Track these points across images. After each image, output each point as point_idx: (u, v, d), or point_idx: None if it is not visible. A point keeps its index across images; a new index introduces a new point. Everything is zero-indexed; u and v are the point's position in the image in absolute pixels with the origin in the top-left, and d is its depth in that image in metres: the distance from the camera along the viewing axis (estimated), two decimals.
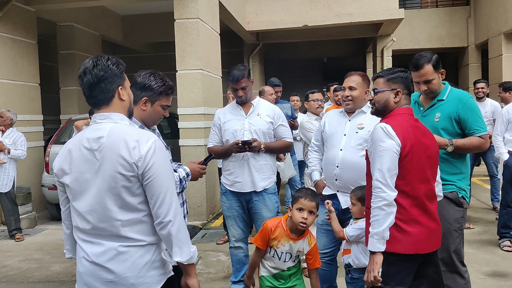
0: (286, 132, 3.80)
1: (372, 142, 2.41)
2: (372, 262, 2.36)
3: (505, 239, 5.02)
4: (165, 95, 2.48)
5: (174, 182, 1.99)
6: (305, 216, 2.75)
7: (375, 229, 2.33)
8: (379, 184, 2.33)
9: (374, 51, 11.65)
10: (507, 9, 10.88)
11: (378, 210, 2.32)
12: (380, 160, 2.34)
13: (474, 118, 3.02)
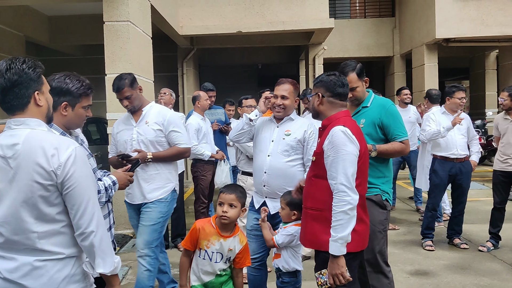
0: (179, 138, 3.58)
1: (332, 145, 2.45)
2: (337, 266, 2.41)
3: (427, 239, 5.30)
4: (85, 96, 2.36)
5: (96, 191, 1.93)
6: (225, 209, 2.73)
7: (339, 234, 2.36)
8: (344, 188, 2.37)
9: (307, 59, 11.93)
10: (428, 21, 11.56)
11: (343, 215, 2.36)
12: (344, 164, 2.40)
13: (396, 124, 3.17)
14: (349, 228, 2.38)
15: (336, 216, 2.38)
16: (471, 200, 7.67)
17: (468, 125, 5.28)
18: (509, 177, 5.08)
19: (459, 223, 5.36)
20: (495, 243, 5.19)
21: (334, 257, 2.41)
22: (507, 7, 11.09)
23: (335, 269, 2.42)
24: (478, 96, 15.08)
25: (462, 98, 5.14)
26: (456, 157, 5.14)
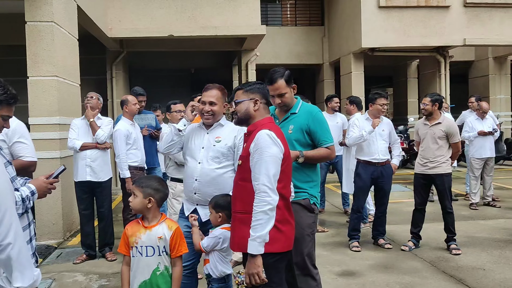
0: (23, 150, 3.29)
1: (257, 147, 2.51)
2: (254, 266, 2.44)
3: (354, 240, 5.50)
4: (6, 105, 2.23)
5: (13, 201, 1.82)
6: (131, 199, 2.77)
7: (258, 233, 2.42)
8: (265, 189, 2.44)
9: (239, 65, 12.01)
10: (355, 31, 12.06)
11: (263, 215, 2.42)
12: (267, 166, 2.47)
13: (322, 130, 3.27)
14: (267, 228, 2.43)
15: (256, 216, 2.44)
16: (394, 201, 8.09)
17: (390, 130, 5.56)
18: (428, 179, 5.39)
19: (383, 224, 5.61)
20: (416, 242, 5.48)
21: (252, 257, 2.46)
22: (426, 20, 11.82)
23: (252, 269, 2.46)
24: (401, 103, 15.92)
25: (383, 104, 5.41)
26: (377, 161, 5.39)
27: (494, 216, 7.02)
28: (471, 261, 4.94)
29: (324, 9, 14.51)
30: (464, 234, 5.96)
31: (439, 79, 12.95)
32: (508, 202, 7.84)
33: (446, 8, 11.85)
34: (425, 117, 5.47)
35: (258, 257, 2.45)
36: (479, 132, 7.67)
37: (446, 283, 4.34)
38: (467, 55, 15.13)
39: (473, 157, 7.77)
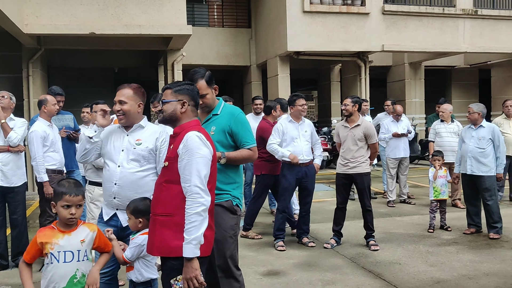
0: None
1: (187, 149, 2.48)
2: (191, 269, 2.40)
3: (279, 240, 5.58)
4: None
5: None
6: (73, 211, 2.57)
7: (193, 235, 2.38)
8: (198, 190, 2.42)
9: (165, 65, 11.79)
10: (281, 34, 12.28)
11: (197, 216, 2.39)
12: (198, 167, 2.45)
13: (244, 132, 3.28)
14: (202, 229, 2.42)
15: (189, 218, 2.41)
16: (318, 200, 8.32)
17: (312, 131, 5.70)
18: (349, 179, 5.60)
19: (306, 223, 5.75)
20: (337, 240, 5.67)
21: (188, 261, 2.42)
22: (348, 26, 12.31)
23: (189, 273, 2.42)
24: (325, 106, 16.45)
25: (303, 105, 5.54)
26: (302, 162, 5.51)
27: (409, 213, 7.44)
28: (388, 256, 5.19)
29: (251, 11, 14.64)
30: (382, 230, 6.25)
31: (359, 83, 13.50)
32: (422, 199, 8.33)
33: (366, 15, 12.40)
34: (345, 120, 5.68)
35: (195, 260, 2.42)
36: (394, 134, 8.11)
37: (365, 278, 4.52)
38: (385, 60, 15.93)
39: (389, 157, 8.20)
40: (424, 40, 12.96)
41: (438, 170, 6.30)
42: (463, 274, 4.55)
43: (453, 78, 17.95)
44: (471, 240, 5.80)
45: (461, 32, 13.28)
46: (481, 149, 5.94)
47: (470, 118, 6.07)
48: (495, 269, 4.68)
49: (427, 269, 4.71)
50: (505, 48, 13.74)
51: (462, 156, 6.15)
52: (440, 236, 5.97)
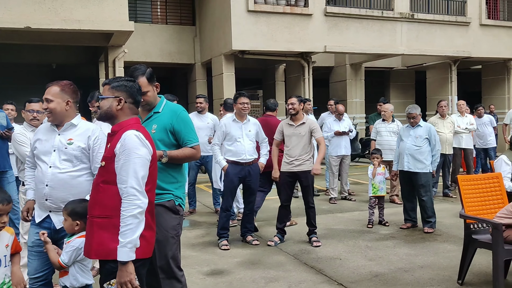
0: None
1: (124, 148, 2.39)
2: (126, 273, 2.33)
3: (223, 239, 5.57)
4: None
5: None
6: (5, 220, 2.53)
7: (128, 238, 2.31)
8: (134, 192, 2.34)
9: (106, 61, 11.45)
10: (226, 33, 12.26)
11: (132, 219, 2.32)
12: (135, 168, 2.37)
13: (187, 130, 3.23)
14: (138, 232, 2.36)
15: (125, 220, 2.33)
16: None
17: (257, 130, 5.72)
18: (294, 177, 5.66)
19: (251, 221, 5.78)
20: (281, 237, 5.73)
21: (122, 264, 2.35)
22: (291, 26, 12.48)
23: (124, 277, 2.35)
24: None
25: (243, 103, 5.55)
26: (245, 161, 5.52)
27: (350, 209, 7.66)
28: (330, 251, 5.31)
29: (195, 9, 14.51)
30: (324, 227, 6.39)
31: (303, 83, 13.74)
32: (362, 195, 8.59)
33: (309, 16, 12.64)
34: (289, 118, 5.74)
35: (130, 264, 2.35)
36: (336, 132, 8.32)
37: (307, 274, 4.60)
38: (328, 61, 16.31)
39: (331, 155, 8.40)
40: (364, 42, 13.38)
41: (377, 167, 6.52)
42: (399, 267, 4.74)
43: (391, 79, 18.67)
44: (407, 234, 6.05)
45: (399, 35, 13.83)
46: (418, 147, 6.21)
47: (415, 121, 6.32)
48: (429, 261, 4.91)
49: (366, 264, 4.87)
50: (439, 51, 14.46)
51: (400, 153, 6.40)
52: (379, 231, 6.19)
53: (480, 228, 4.27)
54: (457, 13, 14.80)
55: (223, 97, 12.19)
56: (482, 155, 9.96)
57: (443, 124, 8.19)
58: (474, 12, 14.83)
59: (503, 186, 4.53)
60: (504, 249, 3.81)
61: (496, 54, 15.48)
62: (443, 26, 14.41)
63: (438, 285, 4.23)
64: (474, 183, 4.42)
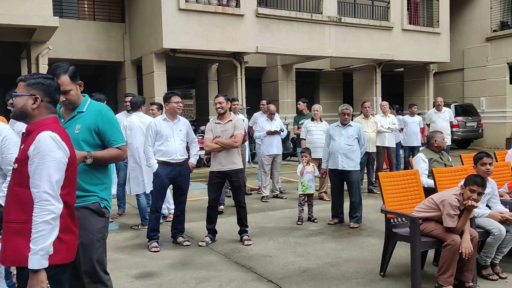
0: None
1: (38, 151, 2.28)
2: (37, 282, 2.22)
3: (153, 241, 5.48)
4: None
5: None
6: None
7: (40, 245, 2.20)
8: (47, 197, 2.24)
9: (29, 58, 10.87)
10: (156, 31, 12.06)
11: (45, 225, 2.21)
12: (49, 171, 2.27)
13: (112, 130, 3.15)
14: (51, 239, 2.26)
15: (37, 227, 2.23)
16: (195, 199, 8.36)
17: (188, 130, 5.68)
18: (223, 177, 5.68)
19: (182, 222, 5.73)
20: (212, 237, 5.74)
21: (34, 272, 2.24)
22: (224, 26, 12.52)
23: (35, 285, 2.24)
24: (203, 104, 16.54)
25: (178, 102, 5.50)
26: (175, 162, 5.48)
27: (281, 207, 7.82)
28: (260, 249, 5.40)
29: (125, 5, 14.14)
30: (255, 225, 6.48)
31: (236, 83, 13.82)
32: (293, 193, 8.79)
33: (241, 16, 12.74)
34: (217, 117, 5.75)
35: (42, 272, 2.24)
36: (268, 132, 8.46)
37: (238, 272, 4.65)
38: (260, 61, 16.54)
39: (263, 154, 8.53)
40: (294, 43, 13.70)
41: (306, 166, 6.71)
42: (326, 262, 4.91)
43: (321, 80, 19.27)
44: (334, 230, 6.28)
45: (327, 38, 14.30)
46: (350, 146, 6.47)
47: (348, 118, 6.56)
48: (354, 255, 5.13)
49: (295, 260, 5.00)
50: (364, 54, 15.13)
51: (331, 152, 6.60)
52: (308, 228, 6.37)
53: (399, 222, 4.53)
54: (381, 18, 15.56)
55: (154, 96, 12.01)
56: (407, 153, 10.53)
57: (366, 124, 8.58)
58: (396, 17, 15.66)
59: (420, 182, 4.84)
60: (421, 241, 4.07)
61: (416, 57, 16.46)
62: (369, 30, 15.09)
63: (362, 278, 4.43)
64: (393, 179, 4.68)
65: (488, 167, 4.44)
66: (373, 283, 4.29)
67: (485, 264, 4.33)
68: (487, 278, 4.29)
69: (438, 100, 10.88)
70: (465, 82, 19.41)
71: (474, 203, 3.89)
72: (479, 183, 3.92)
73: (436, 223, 4.11)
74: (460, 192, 4.01)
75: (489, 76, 18.47)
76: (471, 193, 3.91)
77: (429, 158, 5.44)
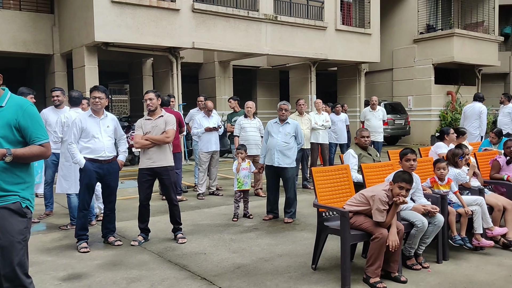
0: None
1: None
2: None
3: (82, 241, 5.27)
4: None
5: None
6: None
7: None
8: None
9: None
10: (87, 23, 11.58)
11: None
12: None
13: (34, 126, 2.99)
14: None
15: None
16: (128, 197, 8.17)
17: (115, 126, 5.51)
18: (153, 174, 5.56)
19: (112, 221, 5.55)
20: (145, 236, 5.61)
21: None
22: (159, 20, 12.26)
23: None
24: (137, 100, 16.12)
25: (96, 97, 5.25)
26: (104, 159, 5.29)
27: (217, 204, 7.79)
28: (195, 247, 5.35)
29: None
30: (190, 223, 6.42)
31: (172, 78, 13.60)
32: (229, 190, 8.80)
33: (177, 11, 12.54)
34: (148, 113, 5.62)
35: None
36: (206, 128, 8.40)
37: (171, 271, 4.58)
38: (196, 57, 16.38)
39: (201, 150, 8.46)
40: (231, 40, 13.69)
41: (241, 162, 6.73)
42: (260, 257, 4.96)
43: (258, 77, 19.43)
44: (269, 225, 6.35)
45: (264, 36, 14.42)
46: (287, 143, 6.55)
47: (286, 114, 6.61)
48: (287, 250, 5.22)
49: (229, 256, 5.00)
50: (300, 53, 15.41)
51: (268, 149, 6.65)
52: (243, 224, 6.40)
53: (331, 215, 4.66)
54: (316, 17, 15.92)
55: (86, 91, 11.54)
56: (333, 150, 10.85)
57: (301, 121, 8.73)
58: (330, 17, 16.08)
59: (350, 177, 5.00)
60: (351, 234, 4.21)
61: (349, 57, 17.01)
62: (304, 29, 15.38)
63: (294, 272, 4.52)
64: (326, 174, 4.80)
65: (412, 163, 4.67)
66: (305, 276, 4.38)
67: (409, 254, 4.55)
68: (411, 268, 4.52)
69: (373, 99, 11.30)
70: (394, 81, 20.34)
71: (403, 199, 4.08)
72: (407, 180, 4.12)
73: (365, 217, 4.27)
74: (389, 188, 4.19)
75: (416, 76, 19.47)
76: (399, 190, 4.09)
77: (358, 154, 5.64)
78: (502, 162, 5.87)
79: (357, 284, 4.16)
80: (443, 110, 19.10)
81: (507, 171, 5.81)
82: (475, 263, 4.48)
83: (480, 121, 10.83)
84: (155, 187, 6.03)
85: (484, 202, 5.08)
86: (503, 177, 5.75)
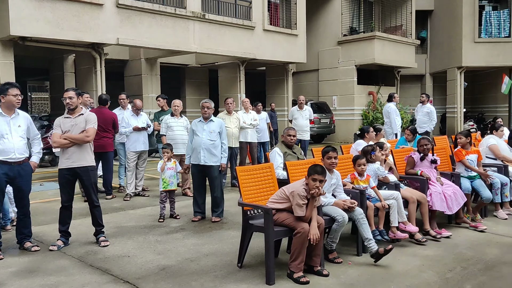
0: None
1: None
2: None
3: None
4: None
5: None
6: None
7: None
8: None
9: None
10: (2, 16, 10.82)
11: None
12: None
13: None
14: None
15: None
16: (47, 200, 7.78)
17: (28, 125, 5.18)
18: (73, 174, 5.31)
19: (27, 226, 5.24)
20: (65, 240, 5.36)
21: None
22: (81, 15, 11.74)
23: None
24: (58, 97, 15.32)
25: (16, 95, 4.97)
26: (14, 161, 4.97)
27: (143, 205, 7.61)
28: (118, 250, 5.18)
29: None
30: (114, 225, 6.22)
31: (95, 75, 13.08)
32: (156, 191, 8.62)
33: (100, 6, 12.08)
34: (67, 111, 5.36)
35: None
36: (134, 128, 8.18)
37: (92, 276, 4.40)
38: (122, 54, 15.89)
39: (129, 150, 8.23)
40: (158, 37, 13.43)
41: (167, 162, 6.62)
42: (186, 257, 4.91)
43: (186, 76, 19.23)
44: (196, 225, 6.30)
45: (191, 33, 14.29)
46: (212, 141, 6.50)
47: (208, 111, 6.55)
48: (214, 249, 5.21)
49: (154, 258, 4.90)
50: (228, 52, 15.44)
51: (194, 148, 6.58)
52: (169, 225, 6.30)
53: (256, 213, 4.70)
54: (244, 17, 16.02)
55: None
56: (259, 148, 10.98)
57: (229, 120, 8.76)
58: (258, 17, 16.26)
59: (274, 174, 5.08)
60: (274, 231, 4.28)
61: (276, 57, 17.30)
62: (232, 28, 15.43)
63: (220, 270, 4.51)
64: (250, 173, 4.85)
65: (333, 160, 4.85)
66: (231, 275, 4.40)
67: (331, 249, 4.72)
68: (333, 261, 4.68)
69: (300, 99, 11.56)
70: (319, 81, 20.98)
71: (319, 191, 4.20)
72: (318, 172, 4.27)
73: (288, 213, 4.36)
74: (306, 182, 4.32)
75: (340, 77, 20.21)
76: (313, 182, 4.23)
77: (283, 152, 5.75)
78: (417, 158, 6.23)
79: (282, 280, 4.24)
80: (365, 109, 19.97)
81: (420, 167, 6.18)
82: (391, 254, 4.73)
83: (389, 120, 11.55)
84: (78, 188, 5.78)
85: (400, 196, 5.38)
86: (417, 172, 6.10)
